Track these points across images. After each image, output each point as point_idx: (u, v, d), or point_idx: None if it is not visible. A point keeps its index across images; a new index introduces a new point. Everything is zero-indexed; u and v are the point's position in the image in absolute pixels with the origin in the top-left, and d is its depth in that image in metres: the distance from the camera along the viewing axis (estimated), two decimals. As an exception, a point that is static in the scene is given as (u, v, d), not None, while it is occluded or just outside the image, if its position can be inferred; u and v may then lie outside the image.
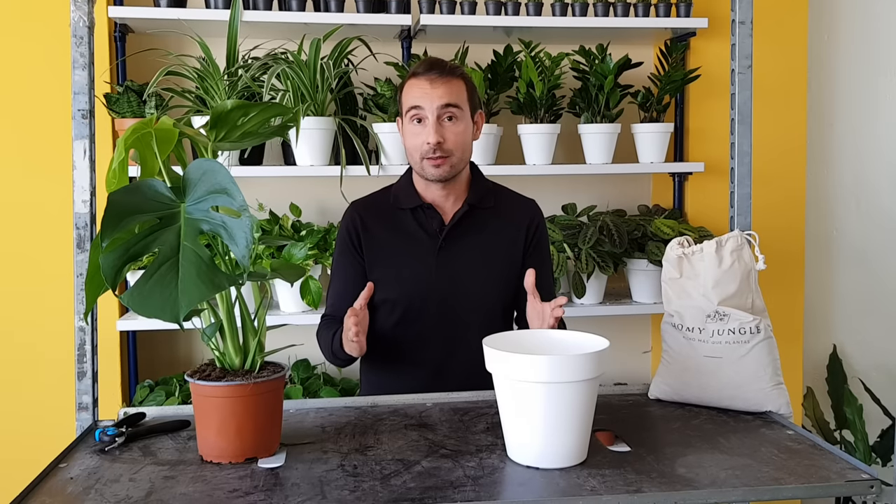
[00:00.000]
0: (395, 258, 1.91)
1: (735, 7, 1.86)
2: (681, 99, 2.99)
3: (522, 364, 1.36)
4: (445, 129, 1.83)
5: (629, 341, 3.11)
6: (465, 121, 1.86)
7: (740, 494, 1.29)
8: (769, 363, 1.67)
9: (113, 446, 1.50)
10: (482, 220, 1.94)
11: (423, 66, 1.86)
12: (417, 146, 1.84)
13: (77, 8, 1.63)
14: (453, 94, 1.84)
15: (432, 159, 1.83)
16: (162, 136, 1.35)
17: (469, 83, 1.90)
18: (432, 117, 1.82)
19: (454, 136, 1.84)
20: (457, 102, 1.84)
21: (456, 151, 1.84)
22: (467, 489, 1.29)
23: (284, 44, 2.71)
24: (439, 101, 1.82)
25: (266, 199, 2.82)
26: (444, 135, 1.82)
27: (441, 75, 1.84)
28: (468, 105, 1.88)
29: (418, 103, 1.83)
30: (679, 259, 1.75)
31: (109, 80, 2.63)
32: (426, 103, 1.82)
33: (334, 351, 1.89)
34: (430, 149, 1.82)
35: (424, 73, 1.85)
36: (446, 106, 1.82)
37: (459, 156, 1.86)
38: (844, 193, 3.10)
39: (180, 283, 1.24)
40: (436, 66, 1.86)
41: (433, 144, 1.81)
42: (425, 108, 1.82)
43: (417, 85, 1.84)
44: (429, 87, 1.83)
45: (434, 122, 1.82)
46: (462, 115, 1.85)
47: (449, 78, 1.84)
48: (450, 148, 1.83)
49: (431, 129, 1.82)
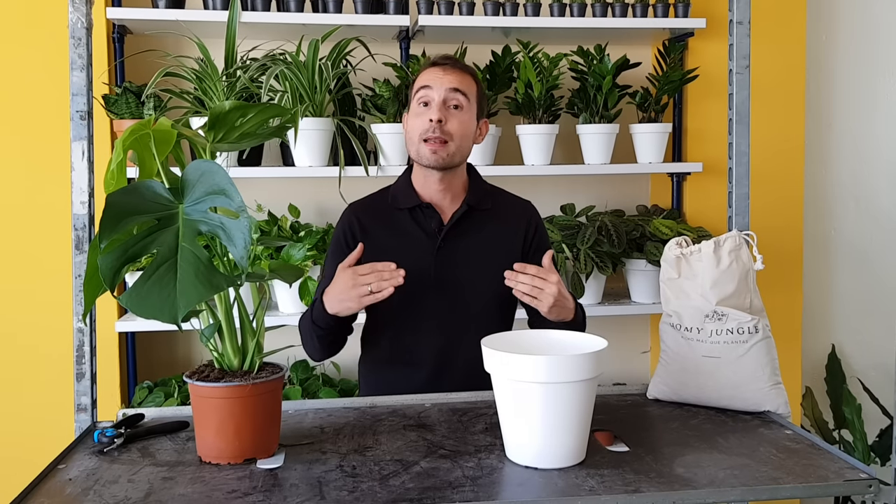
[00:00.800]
0: (394, 258, 1.91)
1: (733, 7, 1.86)
2: (679, 99, 3.00)
3: (521, 364, 1.36)
4: (450, 113, 1.85)
5: (628, 341, 3.12)
6: (470, 114, 1.88)
7: (738, 494, 1.30)
8: (767, 363, 1.67)
9: (112, 447, 1.50)
10: (480, 221, 1.94)
11: (438, 57, 1.92)
12: (418, 127, 1.85)
13: (75, 9, 1.63)
14: (463, 83, 1.87)
15: (431, 141, 1.83)
16: (160, 137, 1.35)
17: (479, 85, 1.93)
18: (438, 98, 1.85)
19: (457, 122, 1.85)
20: (465, 91, 1.87)
21: (455, 138, 1.85)
22: (466, 489, 1.29)
23: (283, 45, 2.71)
24: (448, 85, 1.85)
25: (264, 200, 2.82)
26: (447, 117, 1.84)
27: (455, 65, 1.89)
28: (476, 103, 1.90)
29: (427, 83, 1.86)
30: (677, 259, 1.75)
31: (108, 82, 2.63)
32: (435, 84, 1.85)
33: (314, 318, 1.82)
34: (432, 127, 1.83)
35: (440, 61, 1.90)
36: (455, 90, 1.85)
37: (458, 145, 1.86)
38: (843, 193, 3.10)
39: (179, 284, 1.24)
40: (450, 59, 1.92)
41: (435, 122, 1.83)
42: (433, 90, 1.85)
43: (430, 71, 1.89)
44: (440, 72, 1.87)
45: (439, 103, 1.85)
46: (468, 107, 1.87)
47: (462, 70, 1.89)
48: (450, 131, 1.84)
49: (436, 108, 1.84)
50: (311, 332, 1.86)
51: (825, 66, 3.09)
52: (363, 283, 1.71)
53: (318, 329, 1.84)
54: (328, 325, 1.83)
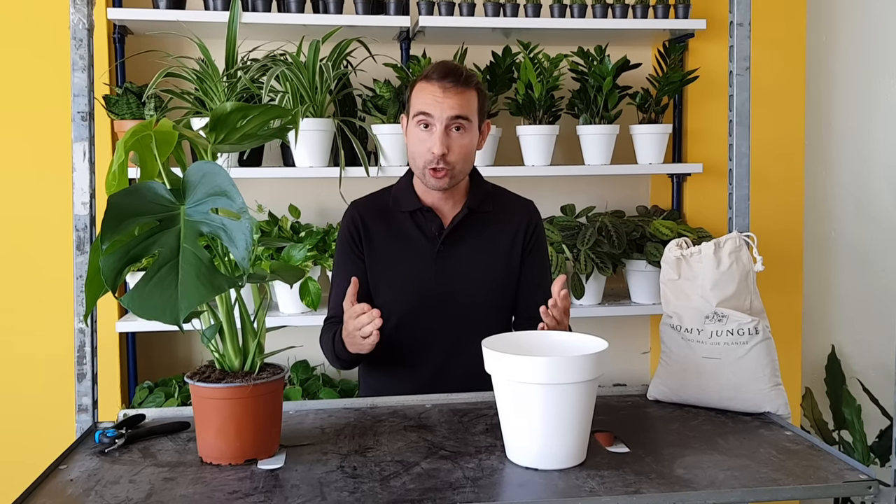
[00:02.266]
0: (394, 260, 1.91)
1: (733, 8, 1.86)
2: (679, 100, 3.00)
3: (521, 365, 1.36)
4: (452, 139, 1.81)
5: (628, 342, 3.12)
6: (472, 132, 1.85)
7: (739, 495, 1.30)
8: (767, 364, 1.67)
9: (113, 448, 1.50)
10: (481, 223, 1.94)
11: (438, 72, 1.82)
12: (422, 153, 1.83)
13: (76, 10, 1.63)
14: (464, 106, 1.81)
15: (434, 170, 1.82)
16: (161, 138, 1.35)
17: (482, 93, 1.87)
18: (440, 126, 1.80)
19: (460, 147, 1.82)
20: (467, 115, 1.82)
21: (458, 164, 1.83)
22: (466, 490, 1.29)
23: (283, 45, 2.71)
24: (450, 112, 1.80)
25: (265, 201, 2.82)
26: (450, 146, 1.81)
27: (456, 84, 1.80)
28: (477, 117, 1.86)
29: (428, 110, 1.81)
30: (677, 260, 1.75)
31: (109, 82, 2.63)
32: (436, 111, 1.80)
33: (337, 353, 1.87)
34: (434, 159, 1.81)
35: (439, 79, 1.81)
36: (456, 118, 1.80)
37: (461, 167, 1.85)
38: (843, 194, 3.10)
39: (180, 285, 1.24)
40: (451, 74, 1.82)
41: (437, 155, 1.80)
42: (434, 117, 1.80)
43: (430, 90, 1.81)
44: (441, 95, 1.80)
45: (441, 132, 1.80)
46: (470, 128, 1.84)
47: (463, 89, 1.81)
48: (453, 161, 1.82)
49: (438, 139, 1.80)
50: (338, 356, 1.89)
51: (825, 68, 3.09)
52: (357, 326, 1.69)
53: (343, 363, 1.89)
54: (352, 359, 1.87)
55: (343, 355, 1.85)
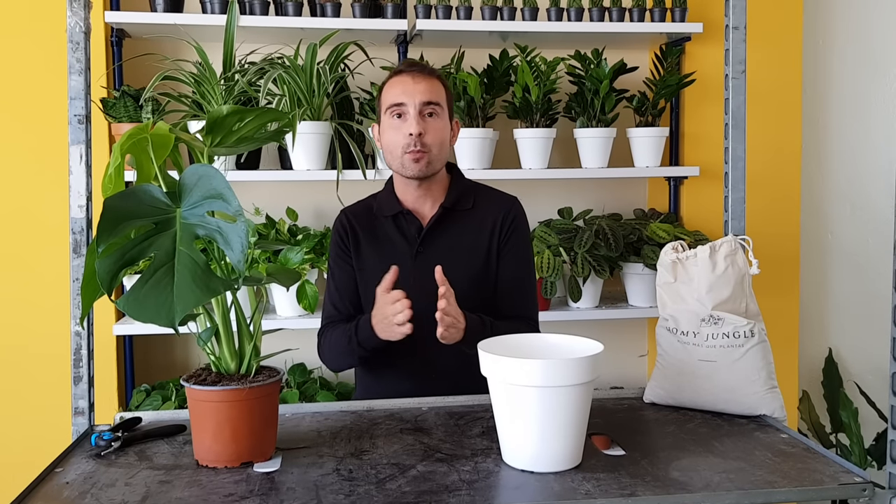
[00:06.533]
0: (377, 264, 1.91)
1: (729, 12, 1.87)
2: (676, 103, 3.00)
3: (517, 368, 1.36)
4: (427, 122, 1.86)
5: (625, 345, 3.12)
6: (445, 119, 1.90)
7: (734, 498, 1.30)
8: (763, 367, 1.68)
9: (109, 451, 1.51)
10: (460, 221, 1.95)
11: (404, 65, 1.93)
12: (398, 141, 1.86)
13: (73, 13, 1.64)
14: (434, 92, 1.88)
15: (413, 153, 1.85)
16: (158, 141, 1.36)
17: (447, 88, 1.94)
18: (414, 111, 1.85)
19: (435, 130, 1.87)
20: (437, 101, 1.88)
21: (434, 147, 1.86)
22: (462, 493, 1.29)
23: (281, 49, 2.72)
24: (421, 97, 1.85)
25: (262, 204, 2.83)
26: (425, 128, 1.85)
27: (423, 72, 1.89)
28: (446, 105, 1.92)
29: (400, 99, 1.86)
30: (673, 264, 1.76)
31: (106, 85, 2.63)
32: (408, 98, 1.85)
33: (360, 340, 1.85)
34: (412, 141, 1.84)
35: (407, 69, 1.90)
36: (428, 103, 1.86)
37: (437, 153, 1.88)
38: (839, 197, 3.10)
39: (176, 287, 1.24)
40: (416, 65, 1.93)
41: (415, 135, 1.83)
42: (407, 104, 1.85)
43: (399, 81, 1.88)
44: (411, 83, 1.87)
45: (416, 115, 1.85)
46: (442, 113, 1.89)
47: (429, 76, 1.89)
48: (429, 142, 1.86)
49: (413, 121, 1.84)
50: (352, 352, 1.88)
51: (821, 71, 3.10)
52: (393, 312, 1.72)
53: (362, 350, 1.87)
54: (376, 348, 1.85)
55: (367, 343, 1.83)
